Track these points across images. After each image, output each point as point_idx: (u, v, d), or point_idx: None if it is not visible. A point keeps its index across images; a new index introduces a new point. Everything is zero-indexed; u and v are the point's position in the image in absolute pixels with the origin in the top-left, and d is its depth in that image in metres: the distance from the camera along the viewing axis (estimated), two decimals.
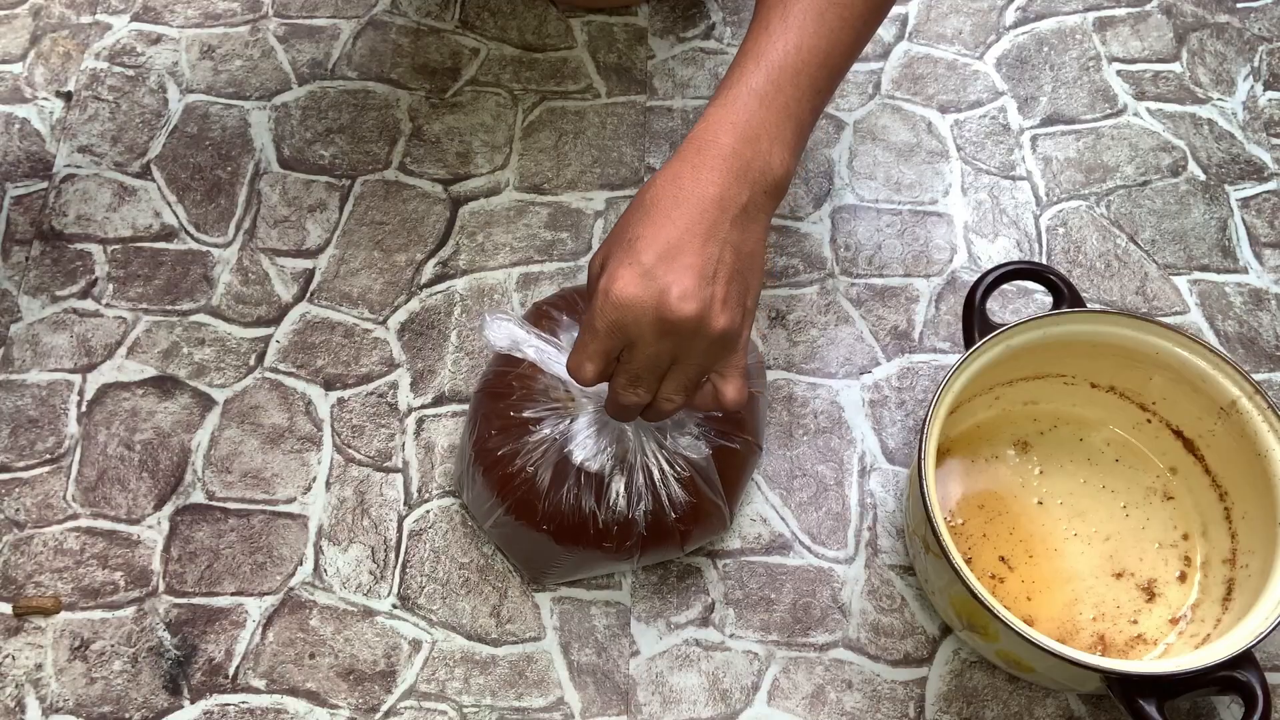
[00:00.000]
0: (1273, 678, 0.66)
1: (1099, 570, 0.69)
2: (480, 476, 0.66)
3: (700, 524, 0.65)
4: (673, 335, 0.53)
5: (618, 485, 0.63)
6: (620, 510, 0.63)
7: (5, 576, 0.70)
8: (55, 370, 0.77)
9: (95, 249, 0.81)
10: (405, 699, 0.67)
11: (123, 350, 0.77)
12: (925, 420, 0.63)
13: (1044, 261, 0.81)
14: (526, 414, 0.64)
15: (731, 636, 0.69)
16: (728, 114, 0.56)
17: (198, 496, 0.73)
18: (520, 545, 0.68)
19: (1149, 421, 0.71)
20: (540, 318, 0.67)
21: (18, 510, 0.72)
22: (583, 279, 0.80)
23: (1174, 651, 0.66)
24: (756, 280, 0.56)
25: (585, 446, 0.63)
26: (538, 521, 0.64)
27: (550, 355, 0.61)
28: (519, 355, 0.61)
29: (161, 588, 0.70)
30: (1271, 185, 0.84)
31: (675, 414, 0.58)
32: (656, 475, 0.63)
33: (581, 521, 0.63)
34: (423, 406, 0.75)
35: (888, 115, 0.87)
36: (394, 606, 0.69)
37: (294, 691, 0.67)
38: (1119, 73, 0.89)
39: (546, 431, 0.64)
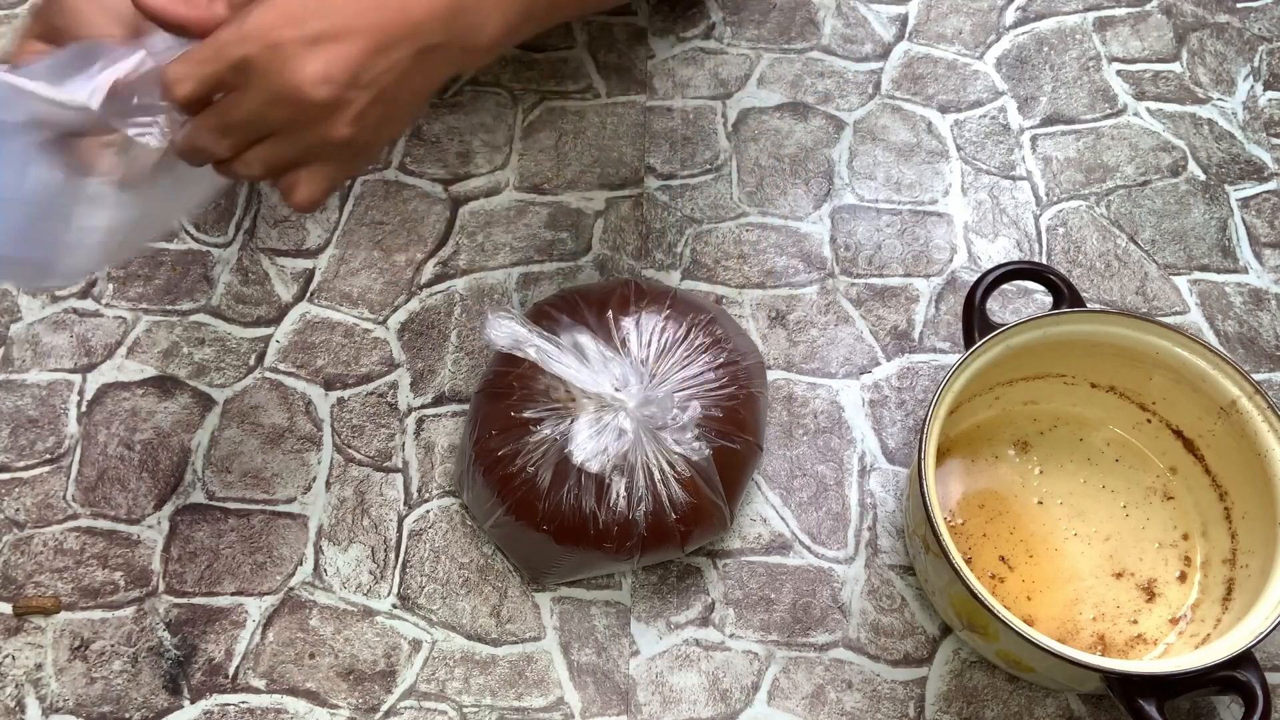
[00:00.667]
0: (1273, 678, 0.66)
1: (1099, 570, 0.69)
2: (480, 477, 0.66)
3: (700, 524, 0.65)
4: (288, 108, 0.48)
5: (618, 486, 0.63)
6: (620, 511, 0.63)
7: (5, 576, 0.70)
8: (55, 370, 0.77)
9: None
10: (405, 699, 0.67)
11: (123, 350, 0.77)
12: (925, 420, 0.63)
13: (1044, 261, 0.81)
14: (527, 414, 0.64)
15: (731, 636, 0.69)
16: None
17: (198, 496, 0.73)
18: (520, 545, 0.68)
19: (1149, 421, 0.71)
20: (540, 318, 0.67)
21: (18, 510, 0.72)
22: (583, 279, 0.80)
23: (1174, 651, 0.66)
24: (401, 121, 0.53)
25: (585, 447, 0.63)
26: (538, 522, 0.64)
27: (552, 354, 0.61)
28: (520, 354, 0.61)
29: (161, 588, 0.70)
30: (1271, 185, 0.84)
31: (246, 181, 0.53)
32: (657, 476, 0.63)
33: (582, 522, 0.63)
34: (423, 406, 0.75)
35: (888, 115, 0.87)
36: (394, 606, 0.69)
37: (294, 691, 0.67)
38: (1119, 73, 0.89)
39: (547, 432, 0.64)
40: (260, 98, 0.48)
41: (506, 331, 0.60)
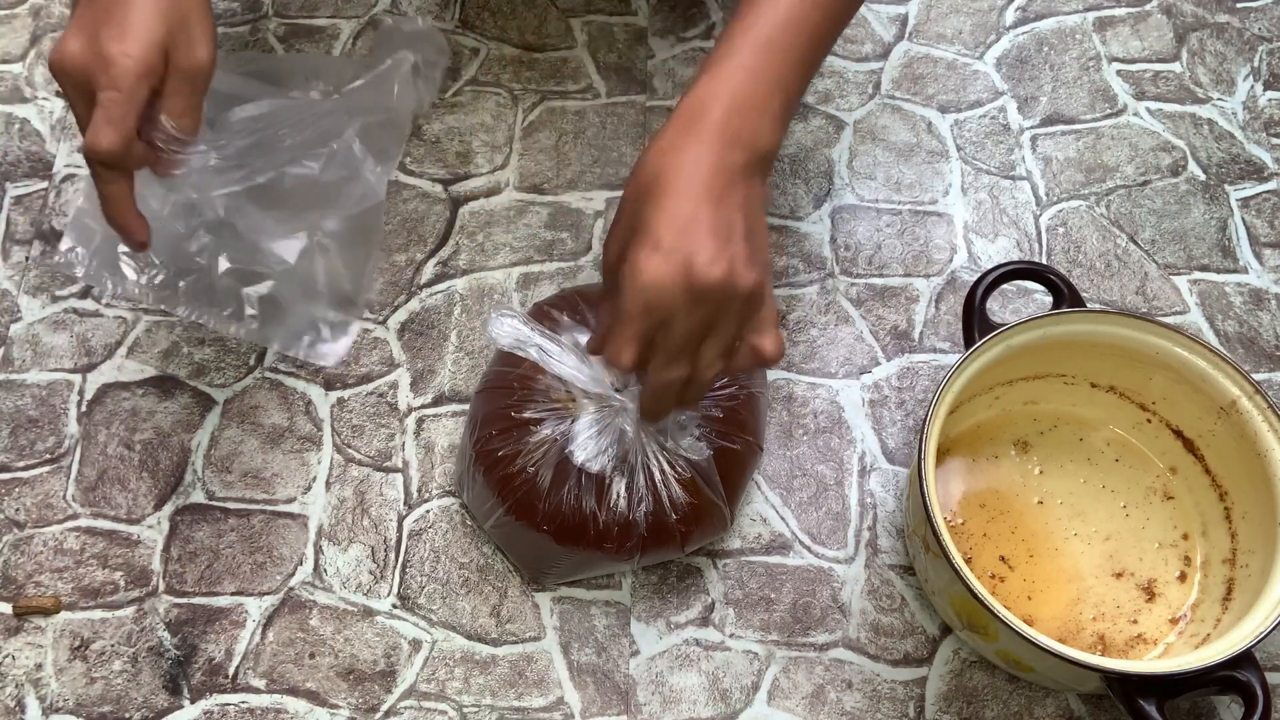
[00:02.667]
0: (1273, 678, 0.66)
1: (1099, 570, 0.69)
2: (481, 477, 0.66)
3: (701, 525, 0.65)
4: (705, 302, 0.53)
5: (618, 486, 0.63)
6: (621, 511, 0.63)
7: (5, 576, 0.70)
8: (55, 370, 0.77)
9: None
10: (405, 699, 0.67)
11: (123, 350, 0.77)
12: (925, 420, 0.63)
13: (1044, 261, 0.81)
14: (527, 414, 0.64)
15: (731, 636, 0.69)
16: (716, 85, 0.56)
17: (198, 496, 0.73)
18: (521, 545, 0.68)
19: (1149, 421, 0.71)
20: (541, 318, 0.67)
21: (18, 510, 0.72)
22: (583, 279, 0.80)
23: (1174, 651, 0.66)
24: (764, 237, 0.57)
25: (586, 447, 0.63)
26: (538, 522, 0.64)
27: (554, 354, 0.61)
28: (522, 354, 0.61)
29: (161, 588, 0.70)
30: (1271, 185, 0.84)
31: (713, 384, 0.58)
32: (657, 476, 0.63)
33: (582, 522, 0.63)
34: (423, 406, 0.75)
35: (888, 115, 0.87)
36: (394, 606, 0.69)
37: (294, 691, 0.67)
38: (1119, 73, 0.89)
39: (547, 432, 0.64)
40: (682, 319, 0.53)
41: (509, 330, 0.60)
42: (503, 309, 0.61)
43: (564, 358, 0.61)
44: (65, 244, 0.72)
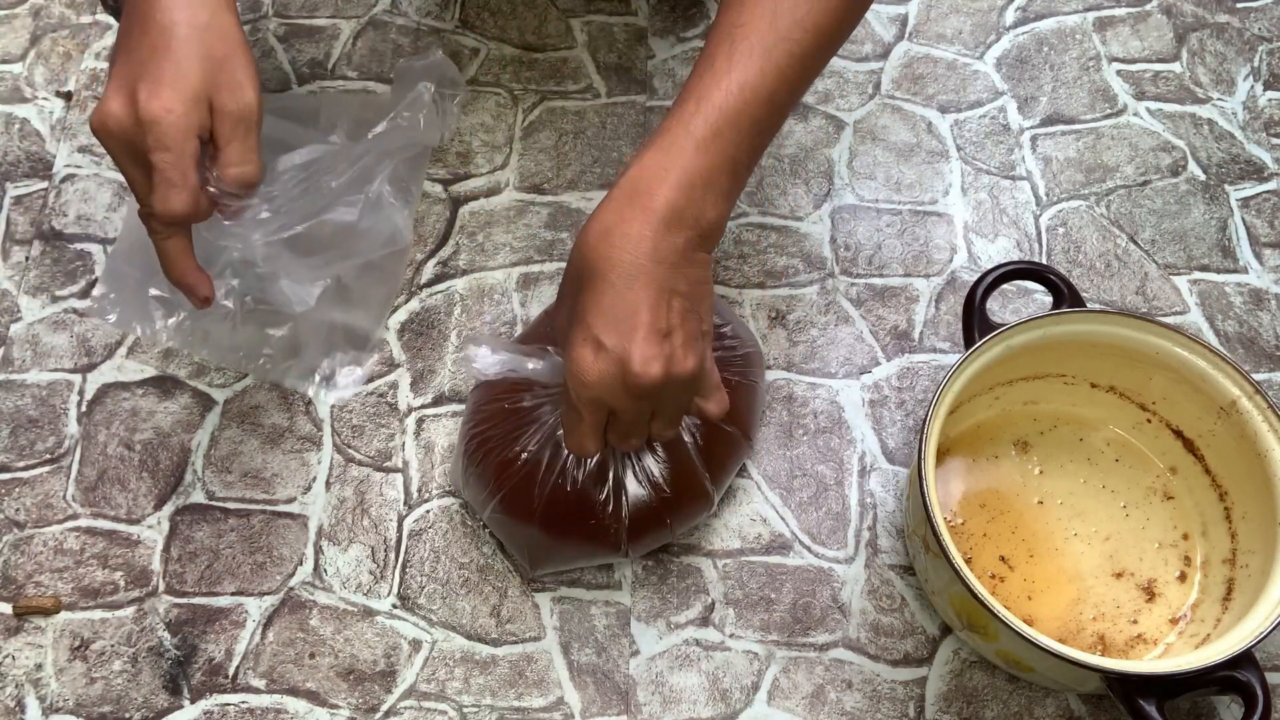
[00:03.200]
0: (1273, 678, 0.66)
1: (1099, 570, 0.69)
2: (476, 466, 0.66)
3: (685, 505, 0.66)
4: (646, 396, 0.54)
5: (609, 470, 0.64)
6: (608, 492, 0.64)
7: (5, 576, 0.70)
8: (55, 370, 0.77)
9: (95, 249, 0.81)
10: (405, 699, 0.67)
11: (123, 350, 0.77)
12: (925, 420, 0.63)
13: (1044, 261, 0.81)
14: (522, 403, 0.65)
15: (731, 636, 0.69)
16: (663, 160, 0.55)
17: (198, 496, 0.73)
18: (517, 535, 0.68)
19: (1149, 421, 0.71)
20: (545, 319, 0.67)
21: (18, 510, 0.72)
22: None
23: (1174, 651, 0.66)
24: (708, 308, 0.57)
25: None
26: (531, 509, 0.64)
27: (542, 371, 0.61)
28: (512, 375, 0.61)
29: (161, 588, 0.70)
30: (1271, 185, 0.84)
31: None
32: (647, 459, 0.64)
33: (574, 506, 0.64)
34: (423, 406, 0.75)
35: (888, 115, 0.87)
36: (394, 606, 0.69)
37: (294, 691, 0.67)
38: (1119, 73, 0.89)
39: (540, 419, 0.64)
40: (626, 410, 0.56)
41: (488, 361, 0.60)
42: (470, 341, 0.61)
43: (551, 371, 0.60)
44: (99, 290, 0.73)
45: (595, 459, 0.63)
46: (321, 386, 0.75)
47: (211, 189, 0.57)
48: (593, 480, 0.64)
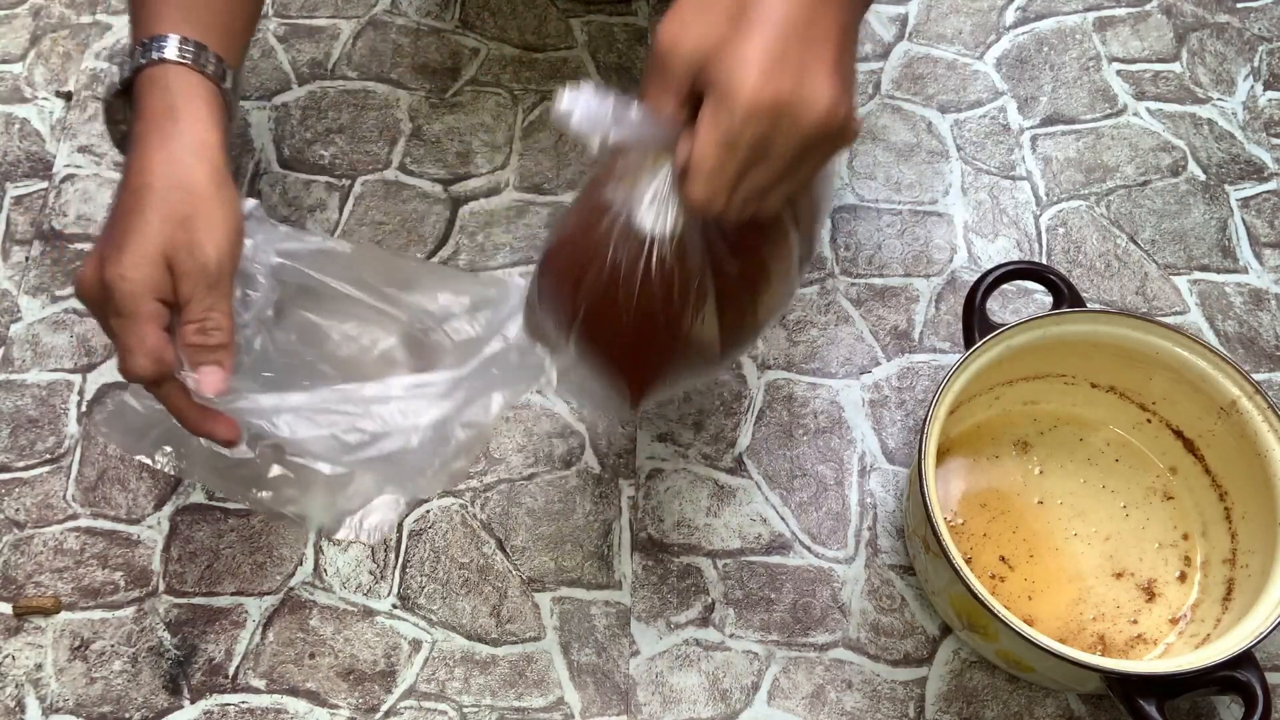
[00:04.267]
0: (1273, 678, 0.66)
1: (1099, 570, 0.69)
2: (550, 289, 0.56)
3: (765, 296, 0.56)
4: (818, 145, 0.45)
5: (687, 257, 0.52)
6: (692, 269, 0.52)
7: (5, 576, 0.70)
8: (55, 370, 0.77)
9: None
10: (405, 699, 0.67)
11: None
12: (925, 420, 0.63)
13: (1044, 261, 0.81)
14: (591, 224, 0.53)
15: (731, 636, 0.69)
16: None
17: (198, 496, 0.73)
18: (605, 357, 0.57)
19: (1149, 421, 0.71)
20: None
21: (18, 510, 0.72)
22: None
23: (1174, 651, 0.66)
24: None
25: (651, 212, 0.50)
26: (617, 312, 0.53)
27: (629, 120, 0.47)
28: (591, 134, 0.47)
29: (161, 588, 0.70)
30: (1271, 185, 0.84)
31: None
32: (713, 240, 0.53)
33: (659, 303, 0.52)
34: None
35: (888, 115, 0.87)
36: (394, 606, 0.69)
37: (294, 691, 0.67)
38: (1119, 73, 0.89)
39: (613, 210, 0.52)
40: (785, 158, 0.45)
41: (589, 107, 0.47)
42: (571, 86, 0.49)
43: (652, 130, 0.48)
44: (107, 414, 0.69)
45: (660, 235, 0.50)
46: (357, 528, 0.71)
47: (184, 348, 0.56)
48: (679, 262, 0.51)
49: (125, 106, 0.61)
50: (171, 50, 0.58)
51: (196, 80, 0.59)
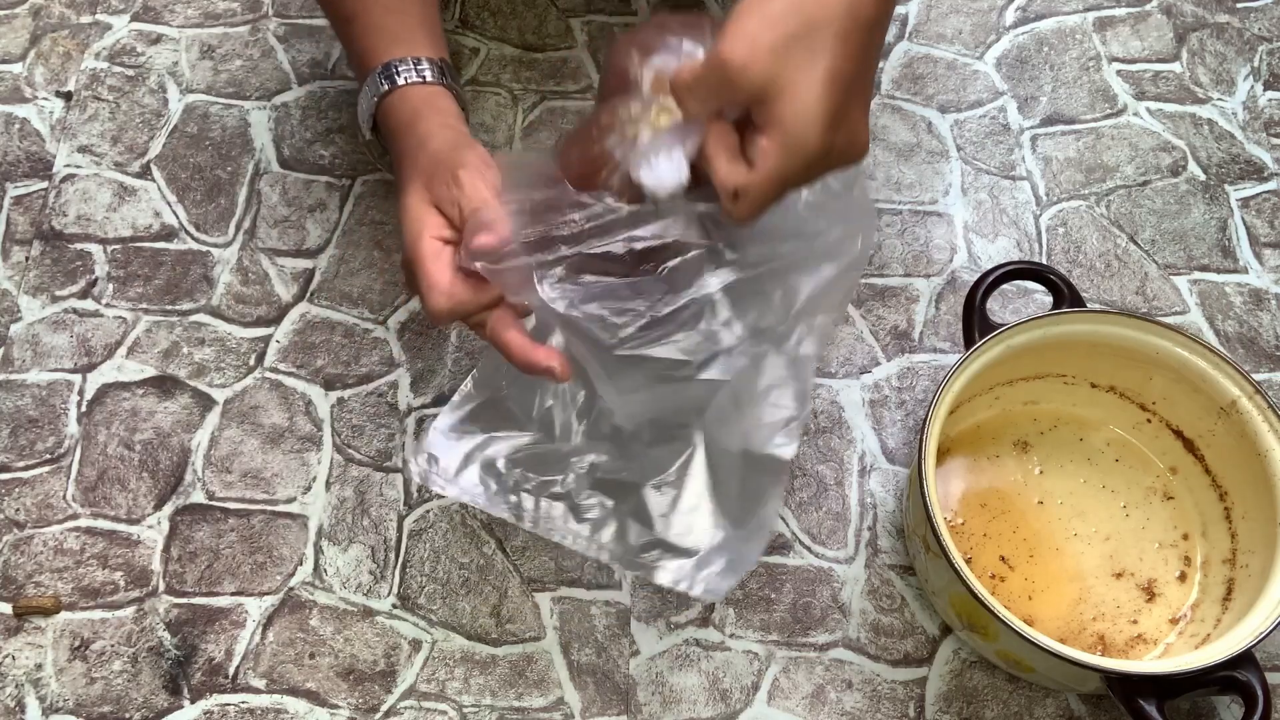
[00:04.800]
0: (1273, 678, 0.66)
1: (1099, 570, 0.69)
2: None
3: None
4: (834, 170, 0.50)
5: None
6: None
7: (5, 576, 0.70)
8: (55, 370, 0.77)
9: (95, 249, 0.81)
10: (405, 699, 0.67)
11: (123, 350, 0.77)
12: (925, 420, 0.63)
13: (1044, 261, 0.81)
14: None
15: (731, 636, 0.69)
16: None
17: (198, 496, 0.73)
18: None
19: (1149, 421, 0.71)
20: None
21: (18, 510, 0.72)
22: None
23: (1174, 651, 0.66)
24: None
25: (655, 168, 0.50)
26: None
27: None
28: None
29: (161, 588, 0.70)
30: (1271, 185, 0.84)
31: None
32: None
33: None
34: (423, 406, 0.75)
35: (888, 115, 0.87)
36: (394, 606, 0.69)
37: (294, 691, 0.67)
38: (1119, 73, 0.89)
39: (613, 162, 0.52)
40: (800, 181, 0.49)
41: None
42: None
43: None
44: (426, 454, 0.61)
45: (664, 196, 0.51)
46: (700, 581, 0.59)
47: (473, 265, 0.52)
48: None
49: (378, 140, 0.68)
50: (391, 79, 0.64)
51: (417, 94, 0.64)
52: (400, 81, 0.64)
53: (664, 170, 0.50)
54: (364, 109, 0.66)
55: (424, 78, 0.64)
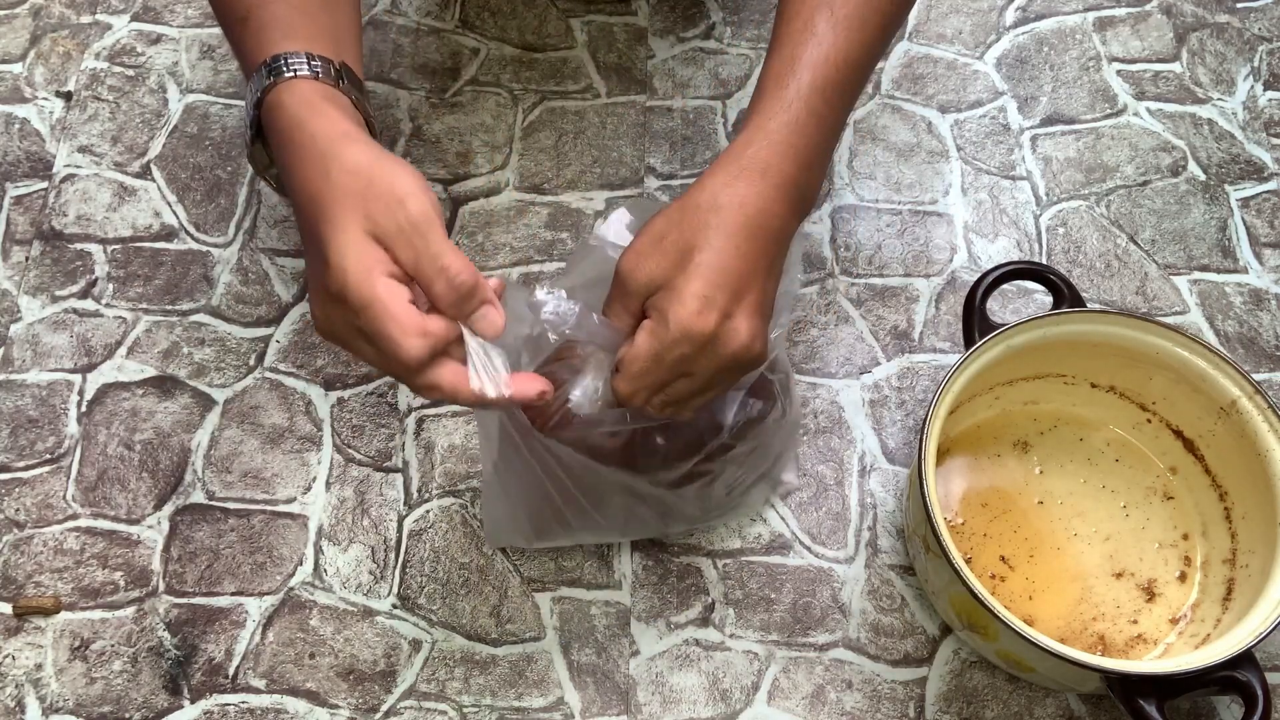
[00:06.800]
0: (1273, 678, 0.66)
1: (1099, 570, 0.69)
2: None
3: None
4: (731, 371, 0.54)
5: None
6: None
7: (5, 576, 0.70)
8: (55, 370, 0.77)
9: (95, 249, 0.81)
10: (405, 699, 0.67)
11: (123, 350, 0.77)
12: (925, 420, 0.63)
13: (1044, 261, 0.81)
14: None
15: (731, 636, 0.69)
16: (790, 136, 0.54)
17: (198, 496, 0.73)
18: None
19: (1149, 421, 0.71)
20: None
21: (18, 510, 0.72)
22: None
23: (1174, 651, 0.66)
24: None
25: (583, 389, 0.59)
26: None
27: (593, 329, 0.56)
28: (573, 333, 0.56)
29: (161, 588, 0.70)
30: (1271, 185, 0.84)
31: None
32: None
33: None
34: (423, 406, 0.75)
35: (888, 115, 0.87)
36: (394, 606, 0.69)
37: (294, 691, 0.67)
38: (1119, 73, 0.89)
39: (563, 383, 0.59)
40: (702, 378, 0.54)
41: (559, 309, 0.55)
42: (541, 288, 0.56)
43: (602, 332, 0.57)
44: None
45: (587, 414, 0.58)
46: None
47: (446, 309, 0.51)
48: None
49: (265, 150, 0.57)
50: (277, 72, 0.54)
51: (309, 87, 0.54)
52: (288, 74, 0.54)
53: (593, 393, 0.59)
54: (246, 109, 0.56)
55: (316, 74, 0.54)
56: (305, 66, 0.54)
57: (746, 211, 0.53)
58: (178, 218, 0.82)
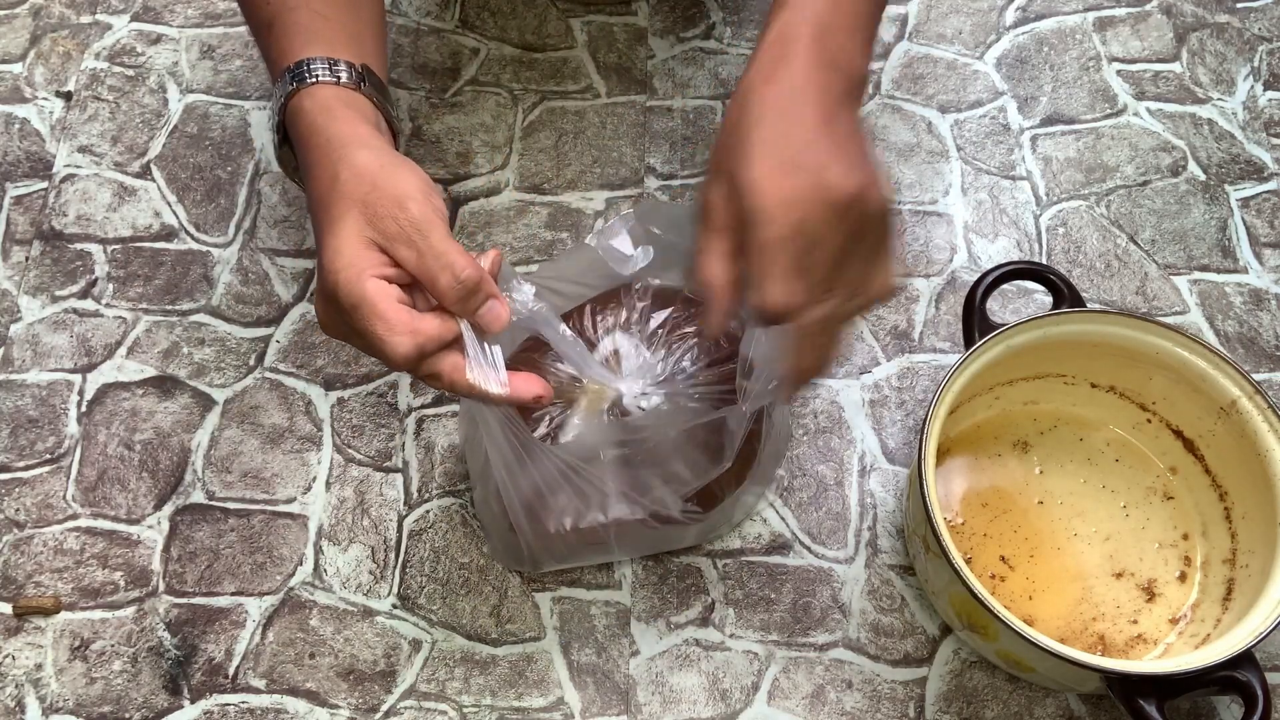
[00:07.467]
0: (1273, 678, 0.66)
1: (1099, 570, 0.69)
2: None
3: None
4: (847, 218, 0.48)
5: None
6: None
7: (5, 576, 0.70)
8: (55, 370, 0.77)
9: (95, 249, 0.81)
10: (405, 699, 0.67)
11: (123, 350, 0.77)
12: (925, 420, 0.63)
13: (1044, 261, 0.81)
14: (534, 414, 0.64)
15: (731, 636, 0.69)
16: (799, 14, 0.52)
17: (198, 496, 0.73)
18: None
19: (1149, 421, 0.71)
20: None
21: (18, 510, 0.72)
22: None
23: (1174, 651, 0.66)
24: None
25: (574, 433, 0.62)
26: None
27: (579, 352, 0.59)
28: (540, 331, 0.58)
29: (161, 588, 0.70)
30: (1271, 185, 0.84)
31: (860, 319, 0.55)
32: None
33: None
34: (423, 406, 0.75)
35: (888, 115, 0.87)
36: (394, 606, 0.69)
37: (294, 691, 0.67)
38: (1119, 73, 0.89)
39: (544, 426, 0.63)
40: (828, 238, 0.49)
41: (527, 303, 0.55)
42: (521, 279, 0.56)
43: (575, 346, 0.59)
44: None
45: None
46: None
47: (452, 306, 0.52)
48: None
49: (292, 154, 0.59)
50: (299, 78, 0.56)
51: (329, 92, 0.56)
52: (310, 80, 0.56)
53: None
54: (271, 114, 0.59)
55: (339, 78, 0.57)
56: (326, 72, 0.57)
57: (778, 83, 0.50)
58: (178, 218, 0.82)
